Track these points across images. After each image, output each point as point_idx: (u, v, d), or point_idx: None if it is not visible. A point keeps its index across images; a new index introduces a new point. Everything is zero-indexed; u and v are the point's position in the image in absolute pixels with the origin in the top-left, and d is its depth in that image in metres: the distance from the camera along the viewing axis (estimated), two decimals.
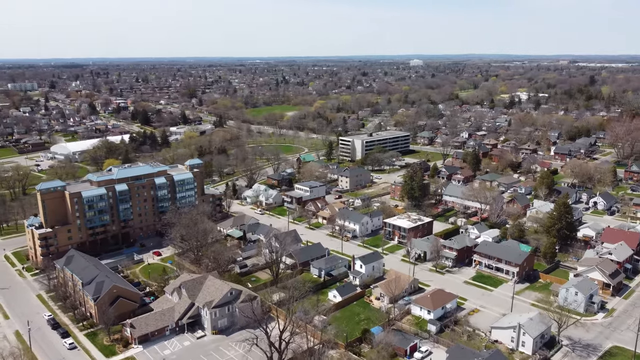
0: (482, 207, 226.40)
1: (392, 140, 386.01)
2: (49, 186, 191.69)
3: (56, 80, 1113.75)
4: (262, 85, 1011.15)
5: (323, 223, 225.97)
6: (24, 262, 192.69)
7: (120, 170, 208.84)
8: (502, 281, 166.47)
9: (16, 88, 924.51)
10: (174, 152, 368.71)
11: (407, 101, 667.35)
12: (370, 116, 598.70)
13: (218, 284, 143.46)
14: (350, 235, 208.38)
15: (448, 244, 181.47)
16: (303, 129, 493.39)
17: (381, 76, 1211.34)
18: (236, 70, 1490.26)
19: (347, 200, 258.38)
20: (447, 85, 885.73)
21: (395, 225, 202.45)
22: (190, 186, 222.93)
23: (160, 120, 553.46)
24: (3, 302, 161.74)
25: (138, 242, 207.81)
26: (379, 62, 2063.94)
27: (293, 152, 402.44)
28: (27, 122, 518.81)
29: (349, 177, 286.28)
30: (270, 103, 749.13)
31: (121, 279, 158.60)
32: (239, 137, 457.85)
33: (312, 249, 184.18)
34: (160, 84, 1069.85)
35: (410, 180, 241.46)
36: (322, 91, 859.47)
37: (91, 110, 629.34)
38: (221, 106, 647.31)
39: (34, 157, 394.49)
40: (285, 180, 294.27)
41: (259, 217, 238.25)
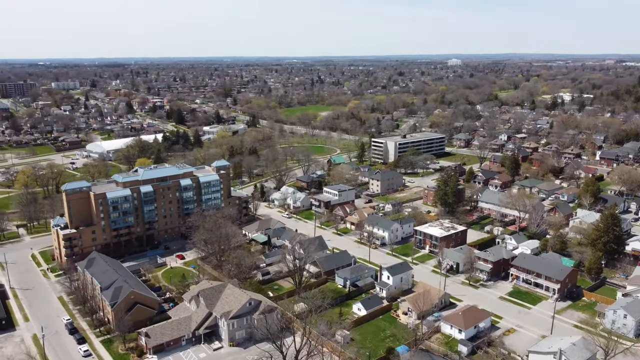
0: (520, 216, 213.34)
1: (427, 142, 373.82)
2: (74, 187, 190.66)
3: (97, 79, 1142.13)
4: (297, 84, 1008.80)
5: (351, 229, 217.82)
6: (50, 262, 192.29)
7: (145, 171, 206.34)
8: (541, 298, 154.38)
9: (59, 87, 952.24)
10: (205, 152, 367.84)
11: (444, 101, 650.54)
12: (405, 117, 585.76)
13: (237, 294, 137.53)
14: (378, 243, 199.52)
15: (483, 255, 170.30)
16: (336, 129, 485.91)
17: (418, 76, 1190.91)
18: (272, 70, 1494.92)
19: (377, 205, 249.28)
20: (485, 85, 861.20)
21: (426, 233, 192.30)
22: (216, 188, 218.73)
23: (194, 119, 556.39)
24: (25, 303, 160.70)
25: (162, 244, 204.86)
26: (416, 62, 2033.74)
27: (325, 154, 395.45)
28: (66, 121, 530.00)
29: (380, 180, 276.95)
30: (305, 103, 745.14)
31: (141, 284, 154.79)
32: (271, 138, 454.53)
33: (338, 257, 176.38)
34: (197, 83, 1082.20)
35: (444, 185, 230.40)
36: (357, 91, 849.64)
37: (128, 109, 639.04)
38: (255, 106, 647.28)
39: (70, 155, 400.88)
40: (315, 182, 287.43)
41: (286, 221, 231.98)
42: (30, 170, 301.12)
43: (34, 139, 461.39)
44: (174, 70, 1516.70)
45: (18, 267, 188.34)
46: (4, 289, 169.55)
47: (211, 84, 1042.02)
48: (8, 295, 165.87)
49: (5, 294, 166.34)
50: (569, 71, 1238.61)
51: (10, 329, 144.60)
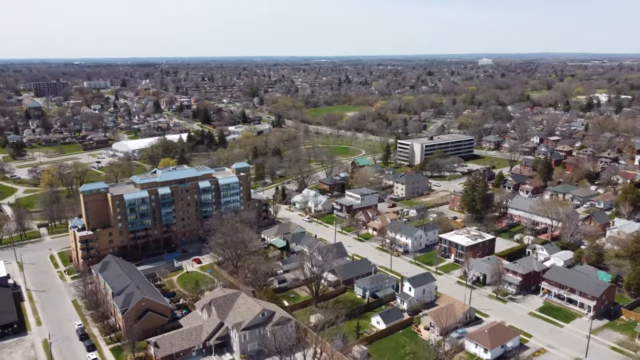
0: (553, 224, 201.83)
1: (455, 144, 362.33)
2: (91, 188, 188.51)
3: (128, 79, 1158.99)
4: (324, 84, 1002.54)
5: (373, 235, 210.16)
6: (67, 264, 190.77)
7: (164, 172, 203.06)
8: (575, 315, 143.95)
9: (91, 86, 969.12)
10: (229, 153, 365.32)
11: (474, 102, 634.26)
12: (433, 117, 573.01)
13: (250, 303, 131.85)
14: (401, 250, 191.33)
15: (512, 267, 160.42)
16: (361, 130, 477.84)
17: (447, 75, 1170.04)
18: (300, 70, 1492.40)
19: (401, 210, 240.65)
20: (517, 85, 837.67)
21: (452, 241, 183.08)
22: (235, 191, 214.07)
23: (220, 119, 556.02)
24: (39, 306, 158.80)
25: (180, 247, 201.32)
26: (446, 61, 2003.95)
27: (349, 155, 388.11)
28: (95, 119, 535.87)
29: (405, 184, 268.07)
30: (331, 103, 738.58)
31: (154, 290, 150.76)
32: (295, 138, 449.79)
33: (358, 265, 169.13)
34: (225, 82, 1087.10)
35: (472, 190, 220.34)
36: (384, 91, 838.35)
37: (155, 108, 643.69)
38: (281, 105, 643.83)
39: (97, 154, 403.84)
40: (338, 185, 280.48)
41: (306, 225, 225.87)
42: (55, 169, 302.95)
43: (63, 137, 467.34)
44: (203, 69, 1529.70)
45: (36, 267, 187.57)
46: (20, 291, 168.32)
47: (239, 83, 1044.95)
48: (23, 297, 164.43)
49: (21, 296, 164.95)
50: (605, 71, 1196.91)
51: (21, 333, 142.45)
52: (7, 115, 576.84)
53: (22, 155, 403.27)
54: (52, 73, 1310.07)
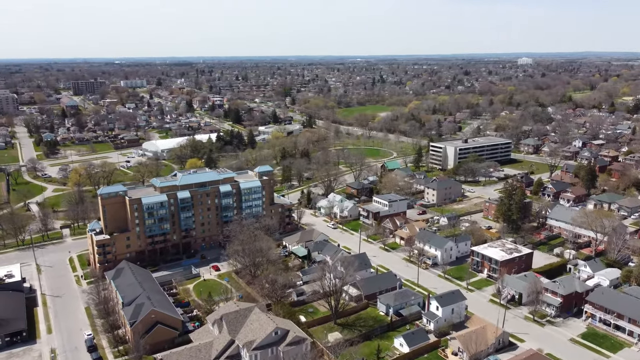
0: (597, 238, 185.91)
1: (491, 147, 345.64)
2: (109, 191, 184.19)
3: (164, 78, 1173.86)
4: (357, 84, 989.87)
5: (400, 244, 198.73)
6: (85, 268, 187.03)
7: (184, 176, 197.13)
8: (623, 344, 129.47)
9: (127, 85, 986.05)
10: (257, 154, 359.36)
11: (512, 103, 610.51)
12: (468, 119, 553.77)
13: (263, 320, 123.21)
14: (429, 263, 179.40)
15: (551, 286, 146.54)
16: (394, 131, 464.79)
17: (485, 75, 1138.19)
18: (334, 69, 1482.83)
19: (431, 218, 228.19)
20: (558, 85, 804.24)
21: (485, 255, 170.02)
22: (257, 195, 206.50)
23: (251, 119, 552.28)
24: (52, 312, 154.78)
25: (199, 253, 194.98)
26: (484, 61, 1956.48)
27: (380, 157, 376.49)
28: (128, 118, 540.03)
29: (436, 189, 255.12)
30: (364, 103, 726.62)
31: (166, 301, 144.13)
32: (325, 139, 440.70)
33: (382, 279, 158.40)
34: (259, 82, 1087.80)
35: (509, 198, 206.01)
36: (419, 91, 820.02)
37: (187, 107, 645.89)
38: (313, 105, 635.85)
39: (127, 154, 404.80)
40: (366, 189, 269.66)
41: (331, 231, 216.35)
42: (83, 168, 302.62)
43: (96, 136, 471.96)
44: (238, 69, 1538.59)
45: (54, 270, 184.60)
46: (34, 295, 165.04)
47: (272, 83, 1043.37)
48: (37, 302, 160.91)
49: (35, 301, 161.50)
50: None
51: (31, 342, 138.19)
52: (44, 113, 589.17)
53: (55, 153, 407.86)
54: (92, 72, 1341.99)
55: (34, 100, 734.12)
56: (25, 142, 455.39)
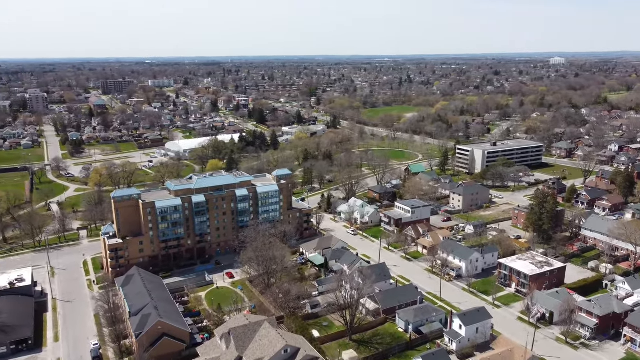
0: (636, 251, 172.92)
1: (521, 151, 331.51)
2: (123, 194, 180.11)
3: (191, 77, 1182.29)
4: (384, 84, 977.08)
5: (422, 253, 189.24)
6: (98, 271, 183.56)
7: (199, 179, 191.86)
8: None
9: (155, 84, 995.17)
10: (279, 155, 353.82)
11: (543, 104, 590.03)
12: (498, 120, 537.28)
13: (272, 337, 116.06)
14: (453, 274, 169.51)
15: (586, 306, 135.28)
16: (419, 132, 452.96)
17: (515, 75, 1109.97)
18: (361, 69, 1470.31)
19: (456, 226, 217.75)
20: (593, 86, 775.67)
21: (513, 268, 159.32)
22: (274, 200, 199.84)
23: (275, 119, 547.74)
24: (61, 318, 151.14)
25: (214, 259, 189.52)
26: (514, 60, 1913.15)
27: (404, 159, 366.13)
28: (153, 118, 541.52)
29: (462, 195, 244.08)
30: (390, 103, 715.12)
31: (175, 311, 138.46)
32: (349, 140, 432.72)
33: (402, 292, 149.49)
34: (285, 82, 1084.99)
35: (540, 206, 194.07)
36: (447, 91, 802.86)
37: (212, 107, 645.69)
38: (338, 105, 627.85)
39: (150, 153, 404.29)
40: (389, 194, 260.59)
41: (350, 238, 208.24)
42: (103, 168, 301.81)
43: (121, 135, 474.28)
44: (265, 68, 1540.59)
45: (67, 274, 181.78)
46: (45, 300, 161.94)
47: (298, 82, 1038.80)
48: (47, 308, 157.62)
49: (45, 306, 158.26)
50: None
51: (36, 350, 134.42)
52: (73, 112, 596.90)
53: (80, 152, 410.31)
54: (123, 71, 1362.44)
55: (63, 100, 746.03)
56: (52, 141, 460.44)
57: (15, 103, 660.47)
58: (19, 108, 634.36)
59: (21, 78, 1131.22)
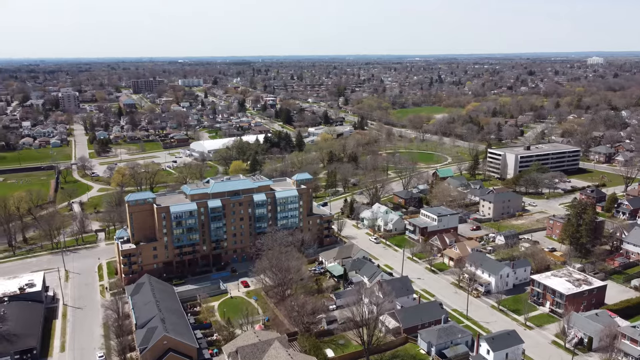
0: None
1: (556, 155, 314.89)
2: (137, 197, 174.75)
3: (220, 77, 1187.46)
4: (414, 84, 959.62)
5: (449, 265, 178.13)
6: (112, 276, 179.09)
7: (216, 183, 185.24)
8: None
9: (185, 84, 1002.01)
10: (303, 156, 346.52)
11: (580, 106, 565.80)
12: (532, 122, 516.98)
13: (282, 357, 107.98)
14: (482, 290, 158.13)
15: (630, 332, 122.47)
16: (449, 134, 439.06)
17: (550, 75, 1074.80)
18: (391, 69, 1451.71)
19: (486, 236, 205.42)
20: (633, 87, 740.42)
21: (547, 286, 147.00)
22: (293, 205, 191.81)
23: (301, 119, 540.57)
24: (70, 326, 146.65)
25: (230, 266, 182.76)
26: (550, 60, 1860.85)
27: (432, 162, 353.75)
28: (181, 117, 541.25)
29: (493, 202, 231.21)
30: (420, 103, 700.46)
31: (184, 323, 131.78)
32: (376, 141, 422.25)
33: (425, 309, 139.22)
34: (314, 81, 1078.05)
35: (577, 217, 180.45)
36: (478, 92, 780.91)
37: (240, 107, 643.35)
38: (366, 106, 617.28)
39: (175, 153, 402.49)
40: (415, 199, 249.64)
41: (373, 247, 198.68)
42: (125, 169, 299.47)
43: (147, 135, 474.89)
44: (294, 68, 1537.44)
45: (81, 278, 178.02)
46: (56, 306, 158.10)
47: (327, 82, 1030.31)
48: (57, 314, 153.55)
49: (55, 313, 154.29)
50: None
51: None
52: (102, 111, 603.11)
53: (107, 152, 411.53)
54: (155, 71, 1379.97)
55: (95, 98, 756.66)
56: (80, 140, 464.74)
57: (48, 101, 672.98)
58: (51, 107, 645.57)
59: (57, 77, 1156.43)
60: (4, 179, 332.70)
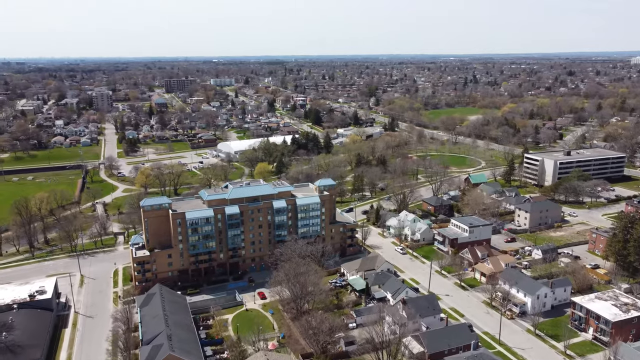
0: None
1: (599, 162, 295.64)
2: (153, 203, 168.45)
3: (252, 76, 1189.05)
4: (448, 84, 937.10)
5: (480, 282, 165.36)
6: (127, 283, 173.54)
7: (235, 189, 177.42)
8: None
9: (216, 83, 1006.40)
10: (330, 159, 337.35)
11: (624, 108, 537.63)
12: (571, 125, 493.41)
13: None
14: (516, 311, 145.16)
15: None
16: (483, 137, 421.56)
17: (592, 76, 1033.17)
18: (425, 68, 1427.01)
19: (521, 249, 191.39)
20: None
21: (590, 310, 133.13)
22: (315, 213, 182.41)
23: (330, 120, 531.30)
24: (79, 336, 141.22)
25: (247, 275, 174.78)
26: (591, 60, 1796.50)
27: (465, 166, 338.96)
28: (210, 117, 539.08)
29: (530, 212, 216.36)
30: (453, 104, 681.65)
31: (192, 339, 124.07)
32: (407, 144, 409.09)
33: (453, 333, 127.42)
34: (345, 81, 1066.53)
35: (624, 232, 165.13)
36: (515, 92, 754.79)
37: (269, 107, 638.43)
38: (397, 106, 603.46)
39: (202, 154, 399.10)
40: (445, 207, 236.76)
41: (398, 257, 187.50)
42: (149, 170, 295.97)
43: (176, 135, 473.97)
44: (326, 68, 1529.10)
45: (96, 284, 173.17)
46: (67, 314, 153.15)
47: (358, 82, 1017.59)
48: (67, 323, 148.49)
49: (66, 321, 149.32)
50: None
51: None
52: (134, 110, 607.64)
53: (135, 151, 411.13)
54: (189, 70, 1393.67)
55: (128, 97, 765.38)
56: (110, 139, 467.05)
57: (83, 100, 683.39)
58: (85, 105, 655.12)
59: (93, 76, 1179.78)
60: (34, 178, 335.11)
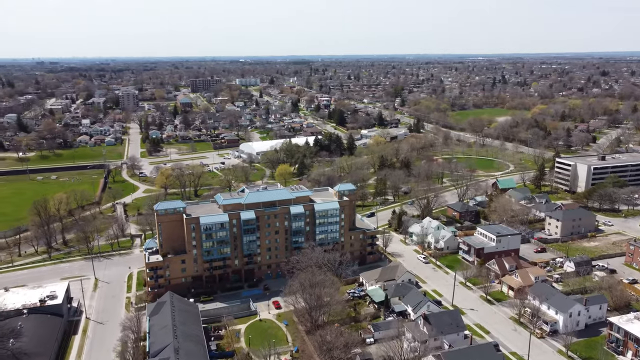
0: None
1: (636, 167, 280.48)
2: (167, 207, 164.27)
3: (277, 76, 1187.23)
4: (475, 84, 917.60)
5: (508, 296, 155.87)
6: (141, 288, 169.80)
7: (251, 193, 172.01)
8: None
9: (242, 83, 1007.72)
10: (353, 161, 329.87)
11: None
12: (605, 127, 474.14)
13: None
14: (547, 330, 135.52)
15: None
16: (512, 139, 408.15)
17: (626, 76, 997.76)
18: (452, 68, 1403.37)
19: (552, 260, 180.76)
20: None
21: (629, 332, 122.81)
22: (334, 219, 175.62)
23: (354, 121, 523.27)
24: (88, 344, 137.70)
25: (263, 283, 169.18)
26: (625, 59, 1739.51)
27: (493, 170, 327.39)
28: (234, 117, 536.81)
29: (561, 220, 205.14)
30: (481, 105, 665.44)
31: (201, 353, 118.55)
32: (432, 146, 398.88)
33: (477, 354, 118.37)
34: (370, 81, 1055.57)
35: None
36: (545, 93, 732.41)
37: (293, 107, 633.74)
38: (423, 107, 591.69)
39: (224, 154, 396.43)
40: (471, 213, 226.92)
41: (421, 267, 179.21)
42: (169, 170, 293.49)
43: (199, 135, 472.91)
44: (352, 67, 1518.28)
45: (109, 288, 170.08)
46: (78, 320, 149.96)
47: (384, 82, 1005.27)
48: (78, 329, 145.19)
49: (76, 327, 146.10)
50: None
51: None
52: (159, 110, 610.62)
53: (158, 151, 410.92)
54: (215, 70, 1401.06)
55: (154, 97, 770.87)
56: (134, 139, 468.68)
57: (110, 100, 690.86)
58: (112, 105, 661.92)
59: (122, 76, 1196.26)
60: (57, 177, 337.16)
